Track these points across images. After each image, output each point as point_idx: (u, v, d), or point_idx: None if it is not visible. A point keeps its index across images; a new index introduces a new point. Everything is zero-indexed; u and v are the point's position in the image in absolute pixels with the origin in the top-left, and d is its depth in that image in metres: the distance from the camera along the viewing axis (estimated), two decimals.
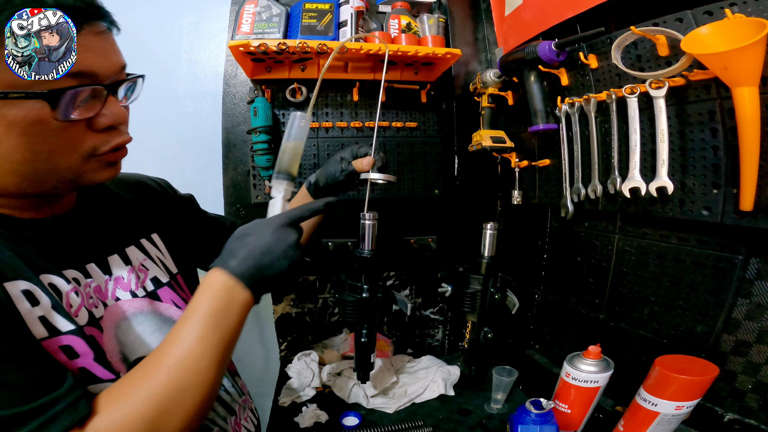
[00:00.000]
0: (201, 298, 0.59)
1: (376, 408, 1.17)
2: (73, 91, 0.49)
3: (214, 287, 0.59)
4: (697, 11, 0.70)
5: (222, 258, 0.62)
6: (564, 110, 0.96)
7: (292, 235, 0.65)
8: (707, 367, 0.75)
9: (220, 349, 0.57)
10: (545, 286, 1.18)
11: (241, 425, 0.82)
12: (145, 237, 0.76)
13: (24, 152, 0.49)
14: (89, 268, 0.63)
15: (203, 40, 1.36)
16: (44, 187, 0.54)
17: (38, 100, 0.47)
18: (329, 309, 1.41)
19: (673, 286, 0.83)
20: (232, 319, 0.59)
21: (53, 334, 0.52)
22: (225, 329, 0.58)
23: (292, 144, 0.78)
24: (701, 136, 0.73)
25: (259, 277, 0.61)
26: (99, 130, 0.54)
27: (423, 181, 1.37)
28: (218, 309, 0.58)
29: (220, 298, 0.58)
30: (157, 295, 0.73)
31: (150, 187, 0.86)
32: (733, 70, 0.61)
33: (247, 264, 0.61)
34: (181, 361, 0.53)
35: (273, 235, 0.64)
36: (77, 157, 0.54)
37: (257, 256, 0.62)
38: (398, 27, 1.25)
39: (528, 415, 0.88)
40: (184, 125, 1.35)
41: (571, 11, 0.92)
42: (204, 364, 0.54)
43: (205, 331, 0.56)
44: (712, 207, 0.73)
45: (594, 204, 0.94)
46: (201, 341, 0.55)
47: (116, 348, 0.62)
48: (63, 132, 0.50)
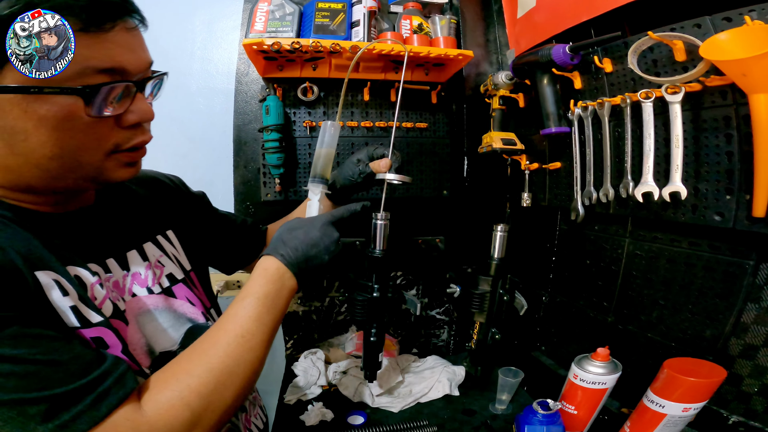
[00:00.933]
0: (257, 280, 0.66)
1: (382, 407, 1.17)
2: (109, 87, 0.49)
3: (269, 272, 0.67)
4: (715, 17, 0.70)
5: (274, 247, 0.70)
6: (577, 114, 0.96)
7: (335, 233, 0.74)
8: (715, 369, 0.76)
9: (271, 329, 0.63)
10: (553, 288, 1.18)
11: (251, 422, 0.83)
12: (161, 234, 0.77)
13: (52, 148, 0.49)
14: (109, 263, 0.64)
15: (216, 37, 1.36)
16: (65, 183, 0.55)
17: (72, 96, 0.47)
18: (336, 308, 1.41)
19: (683, 290, 0.83)
20: (282, 302, 0.66)
21: (84, 325, 0.53)
22: (276, 311, 0.65)
23: (326, 151, 0.87)
24: (716, 141, 0.73)
25: (305, 267, 0.69)
26: (125, 126, 0.55)
27: (432, 181, 1.37)
28: (272, 292, 0.65)
29: (275, 282, 0.66)
30: (172, 292, 0.73)
31: (164, 183, 0.87)
32: (752, 77, 0.62)
33: (297, 254, 0.69)
34: (239, 336, 0.59)
35: (320, 231, 0.72)
36: (101, 154, 0.54)
37: (306, 249, 0.70)
38: (410, 27, 1.25)
39: (535, 416, 0.88)
40: (196, 122, 1.36)
41: (586, 15, 0.93)
42: (258, 340, 0.60)
43: (261, 311, 0.62)
44: (724, 213, 0.73)
45: (605, 207, 0.94)
46: (257, 320, 0.61)
47: (142, 340, 0.64)
48: (92, 128, 0.51)
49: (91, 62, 0.47)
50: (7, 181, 0.53)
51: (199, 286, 0.82)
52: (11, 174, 0.52)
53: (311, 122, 1.28)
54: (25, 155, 0.49)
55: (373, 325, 0.94)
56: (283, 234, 0.72)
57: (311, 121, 1.28)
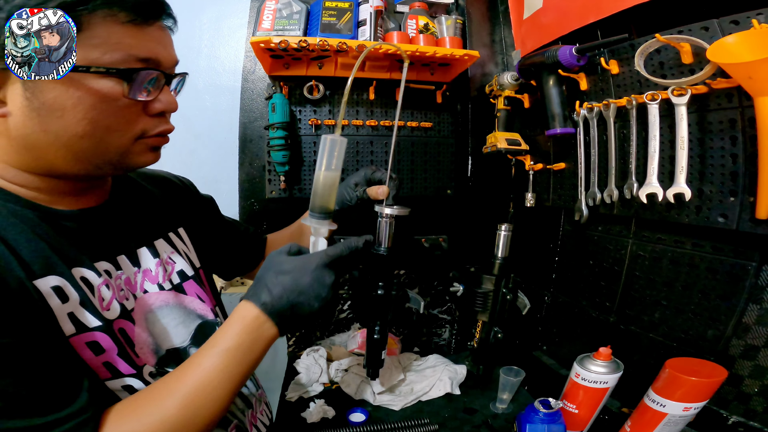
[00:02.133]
0: (231, 328, 0.59)
1: (383, 405, 1.18)
2: (146, 72, 0.54)
3: (246, 321, 0.60)
4: (723, 20, 0.71)
5: (255, 292, 0.62)
6: (582, 115, 0.97)
7: (329, 277, 0.64)
8: (716, 369, 0.76)
9: (239, 380, 0.59)
10: (555, 288, 1.19)
11: (257, 418, 0.83)
12: (173, 231, 0.78)
13: (85, 126, 0.51)
14: (120, 260, 0.65)
15: (223, 35, 1.37)
16: (87, 167, 0.56)
17: (113, 79, 0.51)
18: (338, 305, 1.42)
19: (686, 290, 0.84)
20: (257, 353, 0.60)
21: (80, 330, 0.54)
22: (248, 362, 0.59)
23: (330, 176, 0.72)
24: (721, 144, 0.74)
25: (290, 315, 0.61)
26: (152, 114, 0.58)
27: (436, 181, 1.38)
28: (246, 343, 0.59)
29: (250, 332, 0.59)
30: (183, 288, 0.74)
31: (175, 183, 0.88)
32: (758, 80, 0.63)
33: (281, 303, 0.60)
34: (201, 388, 0.55)
35: (312, 276, 0.62)
36: (128, 138, 0.57)
37: (292, 296, 0.61)
38: (416, 27, 1.26)
39: (536, 414, 0.89)
40: (203, 120, 1.36)
41: (593, 16, 0.93)
42: (221, 392, 0.56)
43: (229, 363, 0.57)
44: (728, 214, 0.74)
45: (609, 208, 0.95)
46: (223, 371, 0.56)
47: (148, 339, 0.64)
48: (124, 110, 0.54)
49: (133, 50, 0.52)
50: (31, 162, 0.54)
51: (206, 284, 0.82)
52: (35, 154, 0.53)
53: (317, 120, 1.29)
54: (56, 133, 0.51)
55: (377, 322, 0.94)
56: (269, 277, 0.63)
57: (317, 119, 1.29)
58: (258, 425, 0.82)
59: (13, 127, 0.50)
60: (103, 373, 0.56)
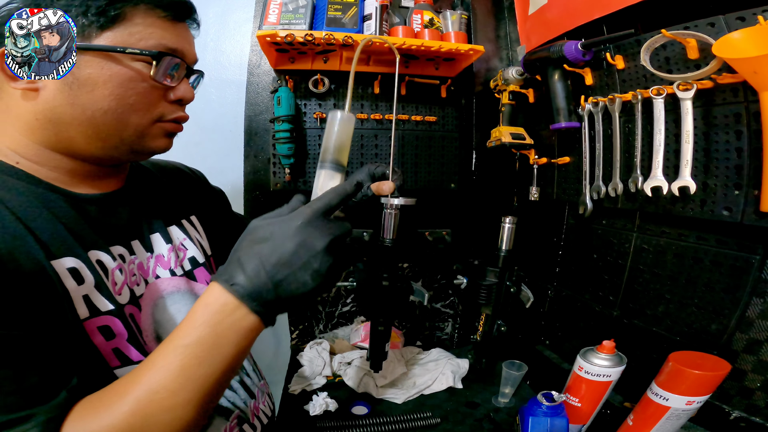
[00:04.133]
0: (191, 320, 0.49)
1: (385, 398, 1.18)
2: (172, 58, 0.59)
3: (209, 310, 0.49)
4: (729, 16, 0.72)
5: (226, 269, 0.51)
6: (587, 109, 0.97)
7: (320, 238, 0.51)
8: (719, 363, 0.77)
9: (206, 385, 0.48)
10: (559, 282, 1.20)
11: (260, 409, 0.83)
12: (186, 218, 0.80)
13: (111, 102, 0.55)
14: (134, 245, 0.66)
15: (229, 29, 1.37)
16: (107, 145, 0.58)
17: (143, 61, 0.56)
18: (342, 298, 1.43)
19: (690, 284, 0.84)
20: (228, 349, 0.49)
21: (94, 314, 0.54)
22: (215, 362, 0.48)
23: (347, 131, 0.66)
24: (726, 138, 0.75)
25: (274, 298, 0.49)
26: (171, 101, 0.62)
27: (440, 174, 1.39)
28: (209, 337, 0.48)
29: (215, 324, 0.48)
30: (194, 275, 0.75)
31: (187, 174, 0.90)
32: (763, 75, 0.63)
33: (258, 282, 0.49)
34: (153, 392, 0.45)
35: (294, 240, 0.50)
36: (148, 119, 0.60)
37: (272, 272, 0.49)
38: (421, 22, 1.26)
39: (539, 407, 0.89)
40: (209, 113, 1.37)
41: (599, 12, 0.93)
42: (179, 400, 0.46)
43: (188, 363, 0.47)
44: (732, 207, 0.74)
45: (613, 202, 0.95)
46: (180, 374, 0.46)
47: (151, 327, 0.64)
48: (148, 92, 0.58)
49: (163, 41, 0.58)
50: (48, 139, 0.56)
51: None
52: (58, 129, 0.55)
53: (322, 114, 1.30)
54: (83, 106, 0.54)
55: (382, 314, 0.95)
56: (242, 248, 0.51)
57: (322, 113, 1.30)
58: (260, 416, 0.82)
59: (42, 100, 0.54)
60: (113, 360, 0.56)
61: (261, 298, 0.49)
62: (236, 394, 0.76)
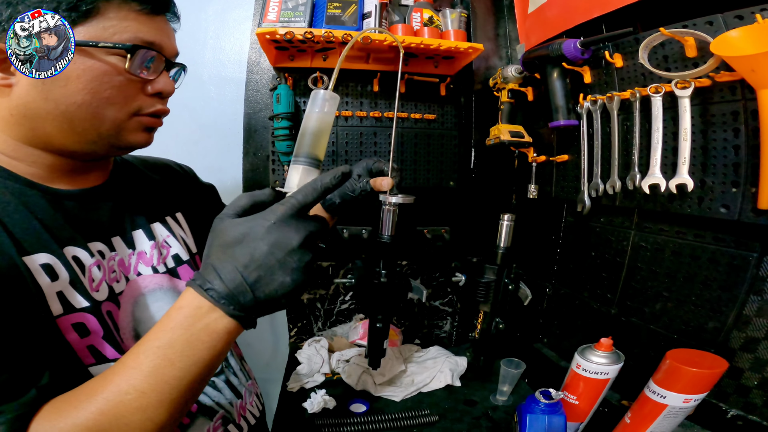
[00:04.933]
0: (164, 323, 0.49)
1: (384, 396, 1.19)
2: (147, 50, 0.58)
3: (182, 312, 0.48)
4: (727, 15, 0.72)
5: (200, 274, 0.50)
6: (586, 107, 0.98)
7: (294, 235, 0.49)
8: (716, 361, 0.77)
9: (178, 387, 0.47)
10: (557, 280, 1.20)
11: (246, 409, 0.82)
12: (170, 215, 0.79)
13: (85, 95, 0.54)
14: (114, 242, 0.65)
15: (228, 27, 1.37)
16: (84, 140, 0.58)
17: (118, 55, 0.55)
18: (341, 296, 1.43)
19: (687, 282, 0.85)
20: (201, 352, 0.48)
21: (68, 311, 0.54)
22: (188, 364, 0.47)
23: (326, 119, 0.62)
24: (723, 135, 0.75)
25: (250, 301, 0.49)
26: (149, 94, 0.61)
27: (439, 172, 1.39)
28: (181, 339, 0.47)
29: (188, 326, 0.48)
30: (177, 273, 0.74)
31: (175, 170, 0.89)
32: (760, 73, 0.63)
33: (232, 285, 0.48)
34: (123, 393, 0.45)
35: (267, 240, 0.49)
36: (125, 112, 0.59)
37: (246, 274, 0.48)
38: (420, 20, 1.26)
39: (537, 405, 0.89)
40: (208, 110, 1.37)
41: (598, 10, 0.94)
42: (150, 401, 0.46)
43: (159, 363, 0.46)
44: (730, 205, 0.74)
45: (611, 200, 0.96)
46: (151, 375, 0.46)
47: (130, 324, 0.63)
48: (124, 86, 0.57)
49: (140, 34, 0.57)
50: (25, 134, 0.56)
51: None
52: (33, 124, 0.55)
53: None
54: (56, 101, 0.54)
55: (380, 311, 0.95)
56: (214, 253, 0.50)
57: None
58: (247, 416, 0.81)
59: (16, 96, 0.53)
60: (88, 358, 0.55)
61: (237, 301, 0.48)
62: (221, 394, 0.75)
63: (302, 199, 0.52)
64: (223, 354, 0.50)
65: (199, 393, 0.52)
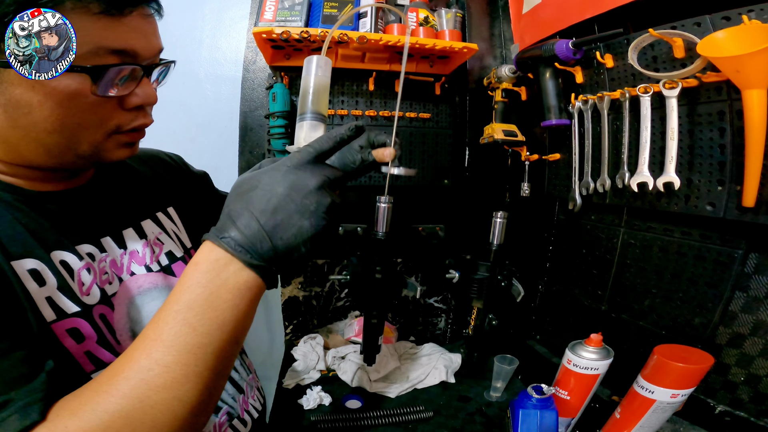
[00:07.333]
0: (181, 284, 0.45)
1: (379, 392, 1.20)
2: (116, 68, 0.49)
3: (199, 268, 0.45)
4: (715, 16, 0.73)
5: (217, 226, 0.48)
6: (577, 107, 0.99)
7: (311, 178, 0.48)
8: (703, 356, 0.78)
9: (204, 358, 0.43)
10: (549, 277, 1.21)
11: (249, 404, 0.82)
12: (161, 211, 0.76)
13: (53, 122, 0.48)
14: (104, 242, 0.62)
15: (225, 26, 1.38)
16: (63, 161, 0.54)
17: (81, 74, 0.47)
18: (336, 293, 1.44)
19: (674, 278, 0.86)
20: (224, 313, 0.44)
21: (60, 316, 0.51)
22: (211, 328, 0.44)
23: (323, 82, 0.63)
24: (710, 135, 0.76)
25: (269, 249, 0.46)
26: (128, 108, 0.55)
27: (433, 170, 1.40)
28: (200, 299, 0.44)
29: (206, 283, 0.44)
30: (171, 270, 0.72)
31: (165, 161, 0.86)
32: (745, 73, 0.65)
33: (249, 232, 0.45)
34: (142, 371, 0.41)
35: (283, 183, 0.47)
36: (101, 133, 0.54)
37: (264, 219, 0.46)
38: (416, 20, 1.27)
39: (529, 400, 0.90)
40: (204, 109, 1.38)
41: (590, 12, 0.95)
42: (174, 375, 0.42)
43: (179, 331, 0.43)
44: (716, 203, 0.76)
45: (602, 198, 0.97)
46: (173, 345, 0.42)
47: (127, 325, 0.61)
48: (95, 107, 0.51)
49: (104, 43, 0.48)
50: (5, 155, 0.52)
51: None
52: (10, 147, 0.51)
53: None
54: (25, 129, 0.48)
55: (375, 307, 0.96)
56: (231, 202, 0.48)
57: None
58: (250, 410, 0.81)
59: None
60: (88, 365, 0.53)
61: (255, 249, 0.45)
62: (224, 391, 0.74)
63: (318, 146, 0.51)
64: (248, 318, 0.47)
65: (229, 368, 0.48)
